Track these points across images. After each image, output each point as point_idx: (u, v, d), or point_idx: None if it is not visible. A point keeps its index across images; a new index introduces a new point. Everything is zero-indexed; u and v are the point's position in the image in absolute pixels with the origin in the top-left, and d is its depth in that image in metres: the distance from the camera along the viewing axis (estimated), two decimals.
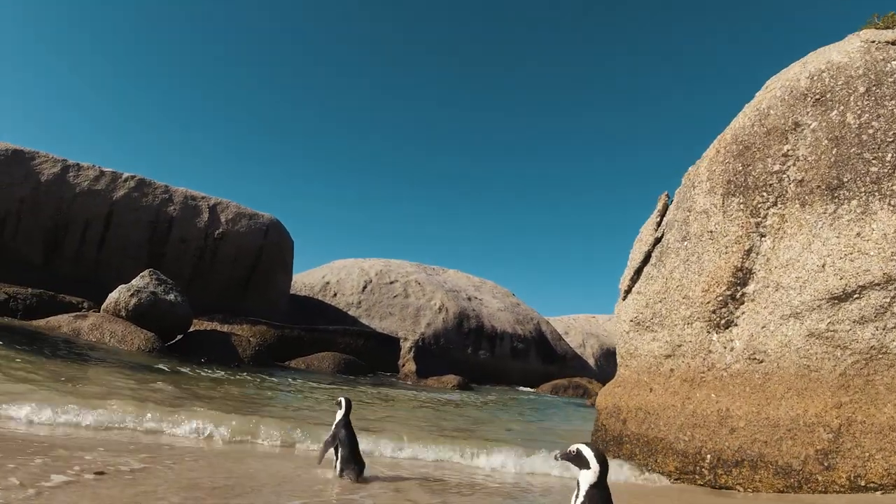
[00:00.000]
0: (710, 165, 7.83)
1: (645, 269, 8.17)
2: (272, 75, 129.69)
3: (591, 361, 47.00)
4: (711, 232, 7.44)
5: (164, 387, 9.99)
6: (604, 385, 31.50)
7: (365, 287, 34.32)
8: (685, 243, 7.67)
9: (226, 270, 25.81)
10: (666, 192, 8.62)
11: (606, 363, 49.06)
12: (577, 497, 2.80)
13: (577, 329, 50.88)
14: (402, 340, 25.04)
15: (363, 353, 23.69)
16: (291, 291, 30.70)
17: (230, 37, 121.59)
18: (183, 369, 13.21)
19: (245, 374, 15.10)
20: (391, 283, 34.88)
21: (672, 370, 7.53)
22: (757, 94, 8.32)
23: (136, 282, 17.73)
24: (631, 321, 8.15)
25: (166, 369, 12.71)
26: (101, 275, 23.42)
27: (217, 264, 25.56)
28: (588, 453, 2.83)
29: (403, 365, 23.88)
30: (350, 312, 33.02)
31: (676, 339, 7.52)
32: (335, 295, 34.14)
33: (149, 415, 6.78)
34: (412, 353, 23.84)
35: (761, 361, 7.03)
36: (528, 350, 37.92)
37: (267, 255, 26.72)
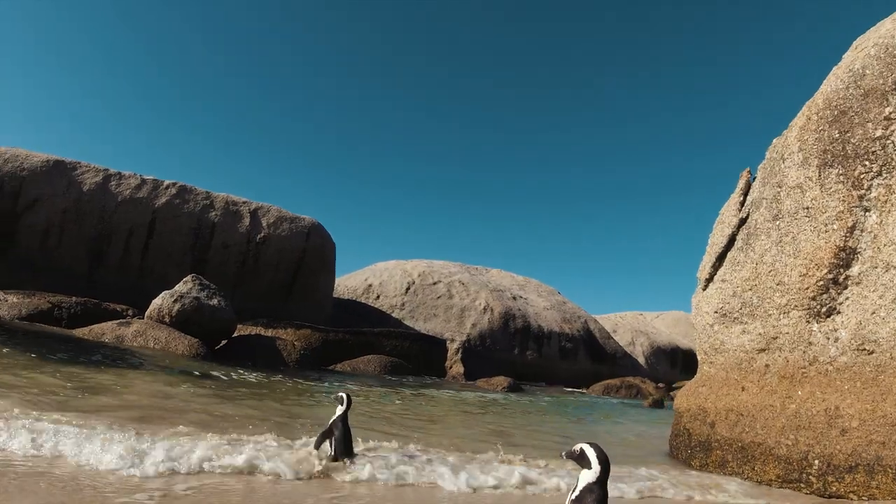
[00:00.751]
0: (802, 134, 6.97)
1: (729, 255, 7.32)
2: (307, 82, 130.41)
3: (642, 360, 45.67)
4: (808, 208, 6.58)
5: (233, 402, 9.48)
6: (657, 384, 30.31)
7: (408, 288, 33.79)
8: (777, 223, 6.81)
9: (269, 275, 25.51)
10: (748, 168, 7.76)
11: (657, 362, 47.73)
12: (572, 493, 2.84)
13: (625, 327, 49.54)
14: (448, 342, 24.39)
15: (409, 356, 23.10)
16: (334, 295, 30.32)
17: (269, 43, 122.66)
18: (233, 376, 12.75)
19: (297, 378, 14.60)
20: (434, 283, 34.28)
21: (767, 366, 6.68)
22: (845, 56, 7.44)
23: (179, 287, 17.43)
24: (715, 313, 7.31)
25: (221, 376, 12.25)
26: (145, 282, 23.31)
27: (260, 269, 25.28)
28: (591, 453, 2.86)
29: (451, 367, 23.22)
30: (393, 314, 32.52)
31: (771, 330, 6.67)
32: (378, 297, 33.69)
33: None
34: (460, 355, 23.17)
35: (872, 352, 6.16)
36: (577, 349, 36.91)
37: (309, 258, 26.35)
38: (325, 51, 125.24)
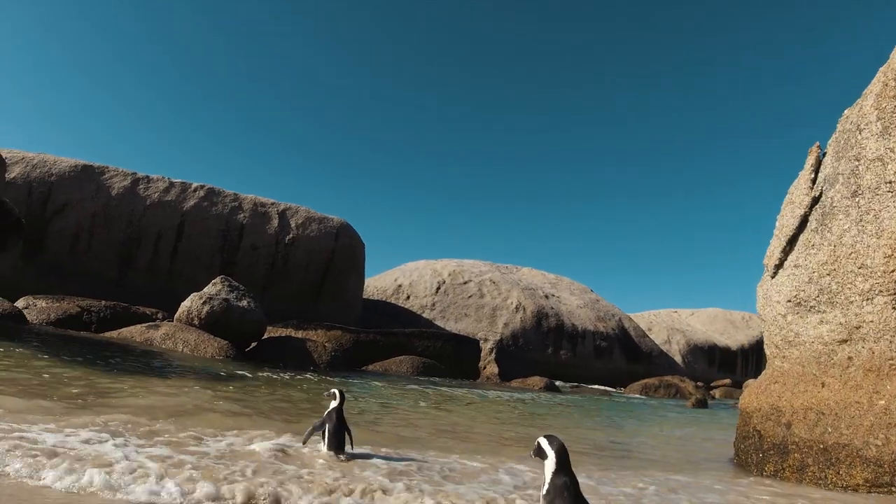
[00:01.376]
0: (879, 102, 6.27)
1: (802, 237, 6.65)
2: (333, 81, 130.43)
3: (678, 359, 44.60)
4: (891, 182, 5.90)
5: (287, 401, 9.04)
6: (697, 384, 29.31)
7: (438, 288, 33.30)
8: (856, 199, 6.13)
9: (298, 276, 25.19)
10: (816, 143, 7.07)
11: (694, 360, 46.62)
12: (543, 487, 2.86)
13: (660, 325, 48.48)
14: (481, 341, 23.80)
15: (441, 356, 22.57)
16: (363, 296, 29.93)
17: (296, 46, 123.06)
18: (273, 376, 12.33)
19: (327, 378, 14.16)
20: (465, 283, 33.75)
21: (850, 358, 6.00)
22: None
23: (208, 289, 17.11)
24: (788, 302, 6.63)
25: (255, 378, 11.84)
26: (175, 285, 23.12)
27: (289, 270, 24.97)
28: (544, 443, 2.92)
29: (484, 367, 22.63)
30: (424, 315, 32.05)
31: (853, 319, 5.99)
32: (408, 298, 33.26)
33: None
34: (493, 355, 22.58)
35: None
36: (612, 348, 36.07)
37: (338, 258, 25.98)
38: (352, 52, 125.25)
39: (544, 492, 2.82)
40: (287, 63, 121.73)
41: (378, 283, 34.00)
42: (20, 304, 16.90)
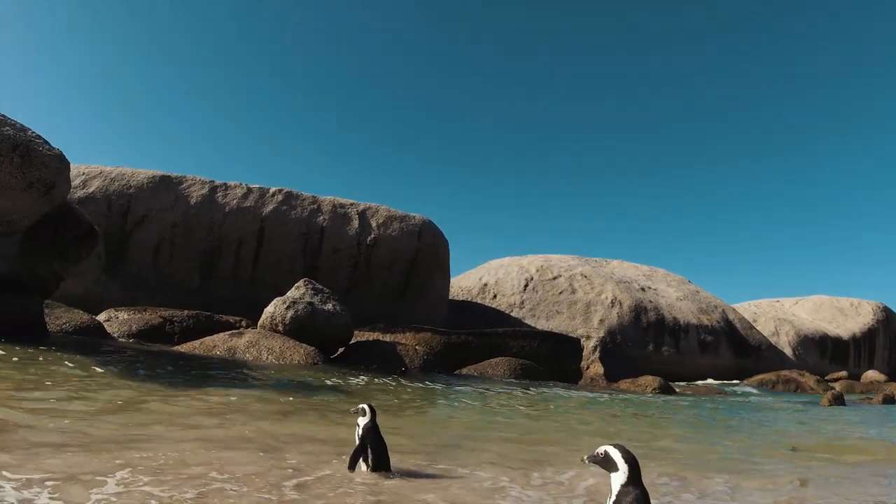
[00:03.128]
0: None
1: None
2: (405, 79, 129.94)
3: (788, 351, 41.19)
4: None
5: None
6: (819, 378, 26.50)
7: (526, 285, 31.60)
8: None
9: (381, 277, 24.04)
10: None
11: (805, 353, 43.06)
12: (609, 499, 2.69)
13: (765, 316, 45.13)
14: (583, 339, 22.00)
15: (538, 357, 20.87)
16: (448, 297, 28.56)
17: (372, 41, 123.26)
18: (387, 385, 11.07)
19: (429, 384, 12.79)
20: (554, 278, 31.92)
21: None
22: None
23: (292, 293, 16.08)
24: None
25: (369, 389, 10.59)
26: (257, 292, 22.34)
27: (372, 272, 23.85)
28: (615, 454, 2.73)
29: (587, 367, 20.84)
30: (512, 314, 30.42)
31: None
32: (495, 297, 31.70)
33: None
34: (597, 353, 20.76)
35: None
36: (718, 342, 33.38)
37: (422, 258, 24.69)
38: (432, 41, 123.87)
39: (612, 502, 2.66)
40: (371, 57, 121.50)
41: (462, 283, 32.59)
42: (101, 317, 16.34)
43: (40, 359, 8.97)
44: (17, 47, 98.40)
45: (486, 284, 32.41)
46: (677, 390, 20.14)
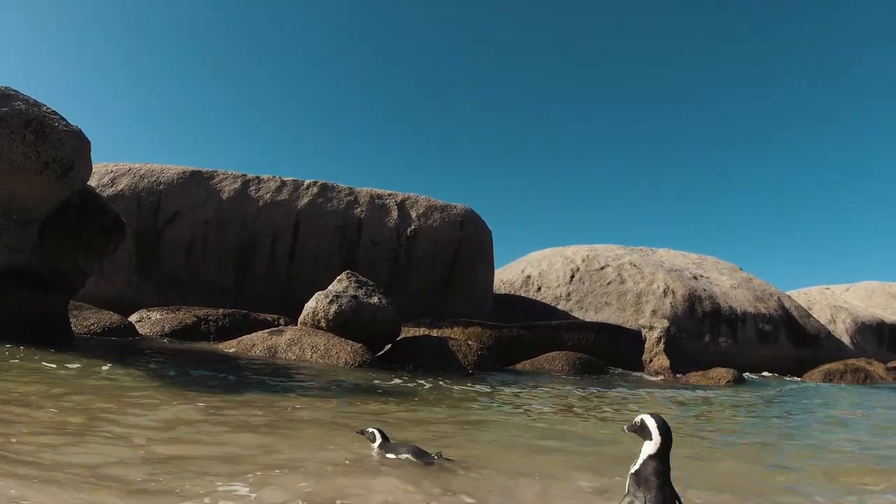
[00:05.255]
0: None
1: None
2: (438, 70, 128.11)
3: (846, 340, 39.00)
4: None
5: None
6: (886, 367, 24.64)
7: (572, 276, 30.06)
8: None
9: (423, 270, 22.74)
10: None
11: (863, 340, 40.87)
12: (634, 465, 2.77)
13: (820, 303, 42.92)
14: (645, 330, 20.46)
15: (595, 350, 19.41)
16: None
17: (407, 31, 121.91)
18: (471, 387, 9.78)
19: (511, 387, 11.44)
20: (602, 268, 30.33)
21: None
22: None
23: (334, 286, 14.86)
24: None
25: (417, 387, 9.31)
26: (294, 289, 21.25)
27: (413, 264, 22.57)
28: (651, 423, 2.77)
29: (651, 360, 19.32)
30: (559, 307, 28.92)
31: None
32: (539, 289, 30.21)
33: None
34: (662, 345, 19.20)
35: None
36: (776, 332, 31.43)
37: (465, 249, 23.34)
38: (472, 30, 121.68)
39: (634, 470, 2.74)
40: (401, 45, 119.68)
41: (504, 276, 31.15)
42: (133, 318, 15.28)
43: (102, 369, 7.81)
44: (46, 40, 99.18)
45: (528, 277, 30.96)
46: (749, 381, 18.52)
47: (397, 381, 10.37)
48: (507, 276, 31.40)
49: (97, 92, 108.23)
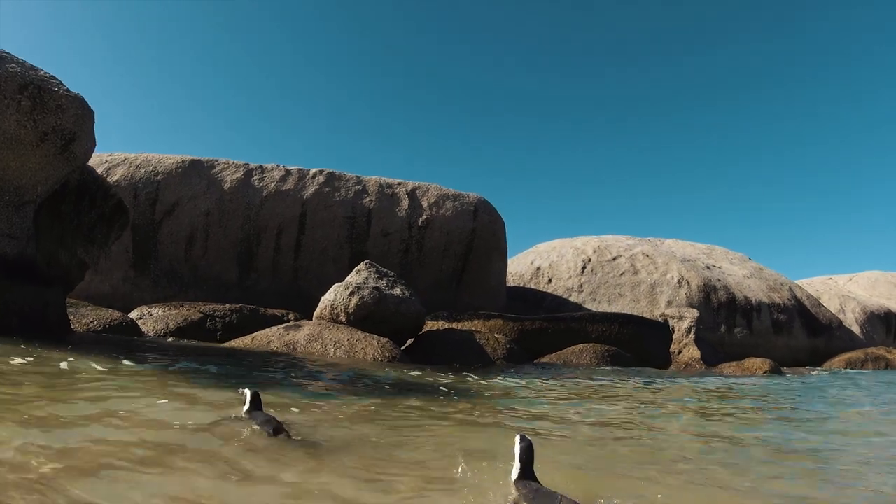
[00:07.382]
0: None
1: None
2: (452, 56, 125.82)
3: (856, 329, 38.27)
4: None
5: None
6: None
7: (584, 268, 29.09)
8: None
9: (436, 261, 21.66)
10: None
11: (873, 329, 40.22)
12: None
13: (828, 293, 42.19)
14: (674, 320, 19.51)
15: (620, 342, 18.44)
16: None
17: (404, 20, 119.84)
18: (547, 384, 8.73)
19: (585, 381, 10.40)
20: (614, 259, 29.37)
21: None
22: None
23: (353, 277, 13.77)
24: None
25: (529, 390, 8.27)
26: (300, 283, 20.17)
27: (425, 256, 21.48)
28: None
29: (679, 351, 18.39)
30: (571, 298, 27.96)
31: None
32: (550, 281, 29.23)
33: None
34: (691, 336, 18.27)
35: None
36: (791, 322, 30.62)
37: (479, 239, 22.26)
38: (473, 17, 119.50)
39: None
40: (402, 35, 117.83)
41: (513, 268, 30.09)
42: (134, 314, 14.13)
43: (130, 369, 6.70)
44: (45, 28, 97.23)
45: (538, 268, 29.97)
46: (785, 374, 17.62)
47: (441, 377, 9.33)
48: (516, 267, 30.38)
49: (90, 81, 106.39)
